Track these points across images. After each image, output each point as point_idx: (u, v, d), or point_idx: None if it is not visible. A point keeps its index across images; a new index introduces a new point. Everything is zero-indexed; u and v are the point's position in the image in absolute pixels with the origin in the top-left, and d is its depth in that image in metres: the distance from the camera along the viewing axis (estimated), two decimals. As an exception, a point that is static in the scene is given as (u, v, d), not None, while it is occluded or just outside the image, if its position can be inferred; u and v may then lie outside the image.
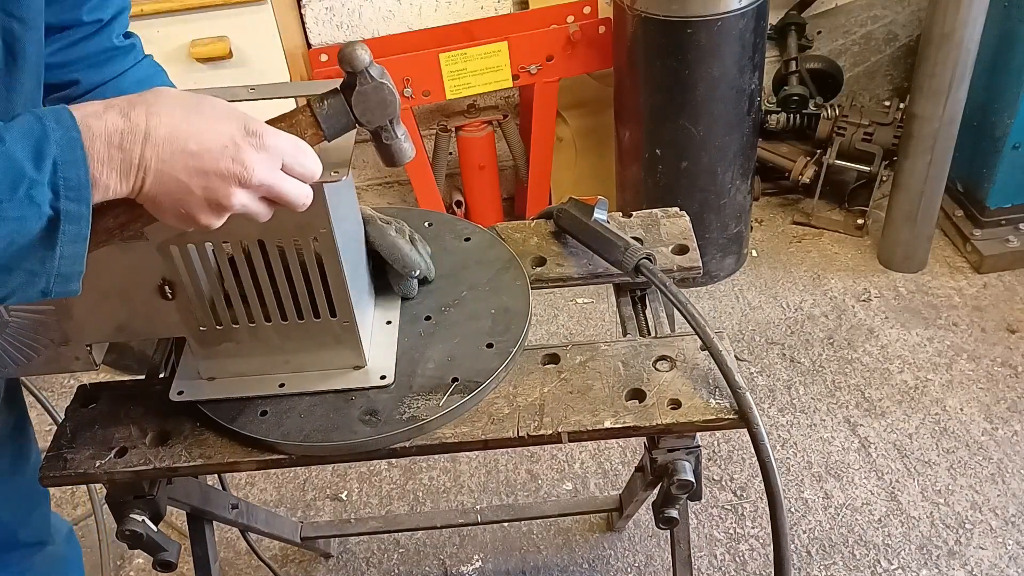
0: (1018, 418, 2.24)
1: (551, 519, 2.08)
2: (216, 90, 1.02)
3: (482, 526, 2.03)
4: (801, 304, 2.64)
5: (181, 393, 1.16)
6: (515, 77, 2.57)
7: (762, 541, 2.02)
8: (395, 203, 3.05)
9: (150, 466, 1.11)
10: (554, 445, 1.97)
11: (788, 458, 2.19)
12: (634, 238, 1.37)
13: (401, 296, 1.27)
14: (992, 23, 2.34)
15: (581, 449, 2.26)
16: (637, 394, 1.15)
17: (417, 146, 2.40)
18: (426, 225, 1.40)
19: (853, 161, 2.78)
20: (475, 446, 1.12)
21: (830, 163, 2.78)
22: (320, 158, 0.92)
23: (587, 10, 2.63)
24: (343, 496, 2.21)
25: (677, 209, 1.46)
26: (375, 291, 1.28)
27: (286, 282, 1.08)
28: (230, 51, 2.39)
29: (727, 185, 2.55)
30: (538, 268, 1.37)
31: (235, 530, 1.88)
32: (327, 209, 1.00)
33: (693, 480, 1.17)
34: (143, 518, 1.15)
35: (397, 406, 1.12)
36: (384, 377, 1.16)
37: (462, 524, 1.91)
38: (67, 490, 2.24)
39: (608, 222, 1.35)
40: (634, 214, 1.46)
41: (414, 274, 1.25)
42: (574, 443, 1.73)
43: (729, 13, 2.26)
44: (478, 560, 2.05)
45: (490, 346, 1.20)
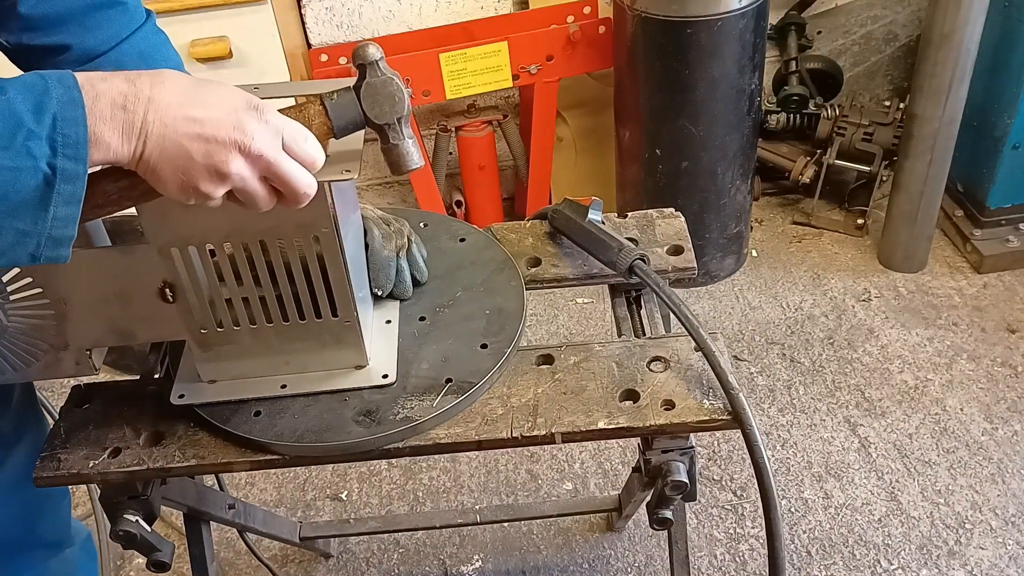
0: (1018, 418, 2.24)
1: (551, 519, 2.08)
2: None
3: (482, 526, 2.03)
4: (801, 304, 2.63)
5: (182, 397, 1.16)
6: (515, 77, 2.57)
7: (762, 541, 2.01)
8: (395, 203, 3.05)
9: (143, 466, 1.11)
10: (554, 445, 1.97)
11: (788, 458, 2.19)
12: (629, 239, 1.37)
13: (396, 297, 1.27)
14: (992, 23, 2.33)
15: (581, 449, 2.26)
16: (631, 395, 1.15)
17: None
18: (421, 225, 1.41)
19: (853, 161, 2.78)
20: (469, 447, 1.12)
21: (830, 163, 2.78)
22: (329, 159, 0.92)
23: (587, 10, 2.63)
24: (343, 496, 2.22)
25: (672, 210, 1.46)
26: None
27: (287, 282, 1.08)
28: (230, 51, 2.40)
29: (727, 185, 2.55)
30: (533, 269, 1.37)
31: (235, 530, 1.88)
32: (332, 208, 1.00)
33: (687, 481, 1.16)
34: (137, 518, 1.16)
35: (391, 406, 1.12)
36: (386, 376, 1.16)
37: (462, 524, 1.91)
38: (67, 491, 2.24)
39: (603, 223, 1.35)
40: (629, 215, 1.46)
41: (378, 293, 1.25)
42: (574, 443, 1.73)
43: (729, 13, 2.26)
44: (478, 560, 2.05)
45: (484, 347, 1.20)
